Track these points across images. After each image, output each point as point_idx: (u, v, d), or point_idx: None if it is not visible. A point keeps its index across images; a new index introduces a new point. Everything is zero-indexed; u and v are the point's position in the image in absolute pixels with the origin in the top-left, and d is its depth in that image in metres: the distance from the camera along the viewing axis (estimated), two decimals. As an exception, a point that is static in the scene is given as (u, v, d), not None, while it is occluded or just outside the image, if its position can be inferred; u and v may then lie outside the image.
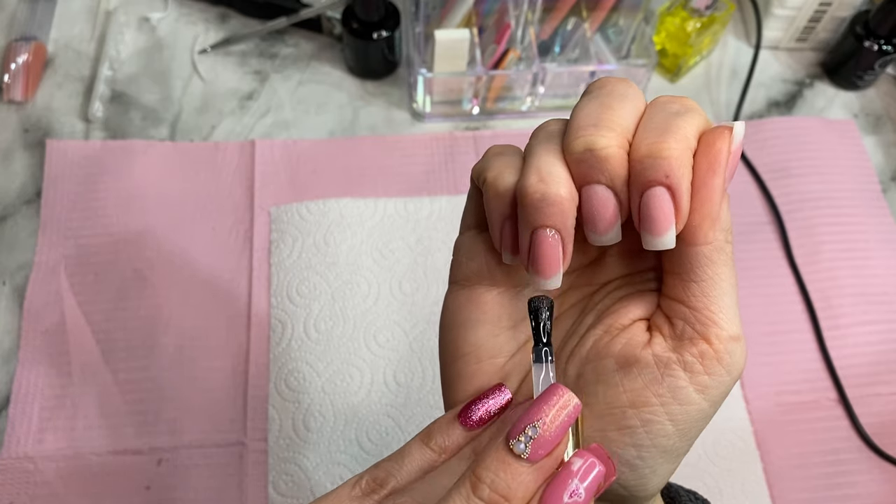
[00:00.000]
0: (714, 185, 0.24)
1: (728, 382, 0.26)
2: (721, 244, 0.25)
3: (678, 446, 0.26)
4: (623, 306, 0.28)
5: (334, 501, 0.25)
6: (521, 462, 0.22)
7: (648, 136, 0.24)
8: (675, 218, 0.24)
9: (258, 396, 0.58)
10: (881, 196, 0.69)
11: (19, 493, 0.54)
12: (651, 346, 0.26)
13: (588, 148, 0.24)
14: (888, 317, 0.64)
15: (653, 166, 0.23)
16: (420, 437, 0.27)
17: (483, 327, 0.28)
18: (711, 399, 0.26)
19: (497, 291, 0.28)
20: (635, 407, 0.26)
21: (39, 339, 0.60)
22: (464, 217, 0.29)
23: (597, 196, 0.24)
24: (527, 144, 0.27)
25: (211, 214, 0.65)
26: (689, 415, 0.25)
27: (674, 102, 0.25)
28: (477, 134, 0.70)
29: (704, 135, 0.24)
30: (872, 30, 0.69)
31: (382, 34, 0.67)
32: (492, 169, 0.26)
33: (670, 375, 0.25)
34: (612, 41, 0.70)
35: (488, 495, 0.22)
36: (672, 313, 0.26)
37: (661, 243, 0.24)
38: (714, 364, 0.25)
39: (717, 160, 0.24)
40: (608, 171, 0.24)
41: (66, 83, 0.71)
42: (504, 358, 0.29)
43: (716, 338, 0.25)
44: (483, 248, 0.28)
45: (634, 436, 0.26)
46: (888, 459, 0.58)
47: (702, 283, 0.25)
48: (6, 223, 0.64)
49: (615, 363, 0.26)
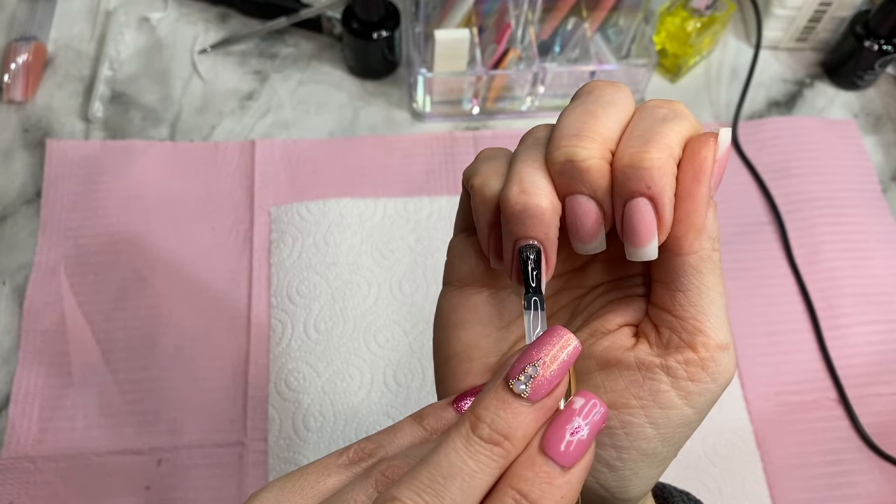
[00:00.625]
0: (699, 194, 0.23)
1: (714, 390, 0.25)
2: (708, 253, 0.25)
3: (660, 451, 0.26)
4: (609, 311, 0.28)
5: (320, 468, 0.25)
6: (521, 401, 0.22)
7: (632, 146, 0.24)
8: (658, 229, 0.24)
9: (258, 396, 0.58)
10: (881, 196, 0.69)
11: (19, 493, 0.55)
12: (635, 350, 0.26)
13: (569, 159, 0.24)
14: (888, 317, 0.64)
15: (634, 177, 0.23)
16: (412, 417, 0.27)
17: (474, 328, 0.28)
18: (695, 406, 0.25)
19: (488, 293, 0.29)
20: (615, 408, 0.26)
21: (39, 339, 0.60)
22: (456, 219, 0.30)
23: (580, 206, 0.24)
24: (515, 151, 0.27)
25: (211, 214, 0.65)
26: (670, 419, 0.25)
27: (661, 107, 0.25)
28: (477, 134, 0.70)
29: (689, 143, 0.24)
30: (872, 30, 0.69)
31: (382, 34, 0.67)
32: (479, 175, 0.26)
33: (651, 379, 0.25)
34: (612, 41, 0.70)
35: (488, 434, 0.22)
36: (659, 322, 0.26)
37: (643, 254, 0.24)
38: (698, 371, 0.25)
39: (702, 169, 0.23)
40: (589, 182, 0.24)
41: (66, 83, 0.71)
42: (495, 357, 0.29)
43: (702, 346, 0.25)
44: (473, 251, 0.28)
45: (614, 437, 0.26)
46: (888, 459, 0.58)
47: (688, 293, 0.25)
48: (6, 223, 0.64)
49: (596, 364, 0.27)
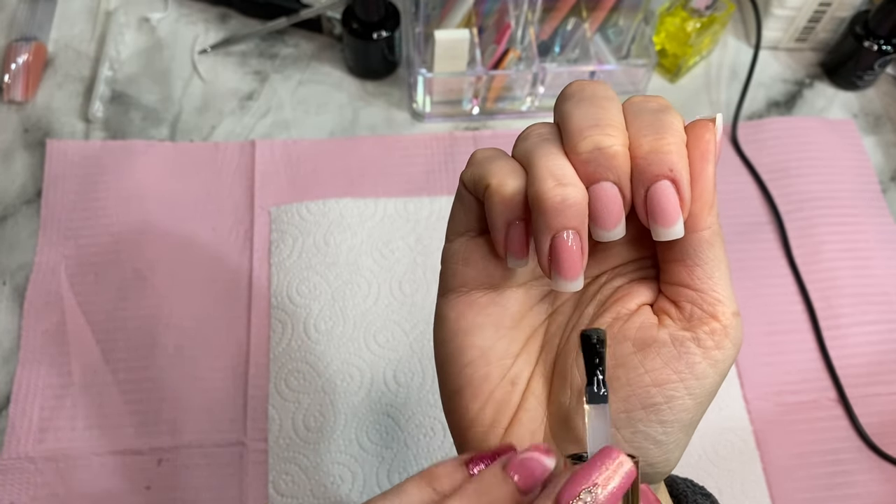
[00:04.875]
0: (708, 173, 0.26)
1: (734, 354, 0.28)
2: (717, 228, 0.27)
3: (696, 419, 0.28)
4: (627, 293, 0.29)
5: None
6: None
7: (646, 134, 0.25)
8: (681, 208, 0.25)
9: (258, 396, 0.58)
10: (881, 196, 0.69)
11: (19, 493, 0.55)
12: (665, 327, 0.27)
13: (597, 146, 0.25)
14: (888, 317, 0.64)
15: (657, 161, 0.25)
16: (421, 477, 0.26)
17: (487, 330, 0.29)
18: (721, 372, 0.27)
19: (496, 293, 0.29)
20: (658, 385, 0.27)
21: (39, 339, 0.60)
22: (452, 225, 0.29)
23: (606, 193, 0.25)
24: (518, 148, 0.27)
25: (211, 214, 0.65)
26: (704, 388, 0.27)
27: (650, 101, 0.27)
28: (477, 134, 0.70)
29: (691, 128, 0.26)
30: (872, 30, 0.69)
31: (382, 34, 0.67)
32: (493, 175, 0.26)
33: (686, 352, 0.27)
34: (611, 41, 0.70)
35: None
36: (678, 297, 0.27)
37: (671, 233, 0.25)
38: (723, 339, 0.27)
39: (708, 149, 0.26)
40: (616, 167, 0.25)
41: (66, 83, 0.71)
42: (511, 359, 0.29)
43: (722, 315, 0.27)
44: (481, 252, 0.28)
45: (659, 412, 0.27)
46: (888, 459, 0.58)
47: (705, 266, 0.27)
48: (6, 223, 0.64)
49: (633, 346, 0.27)
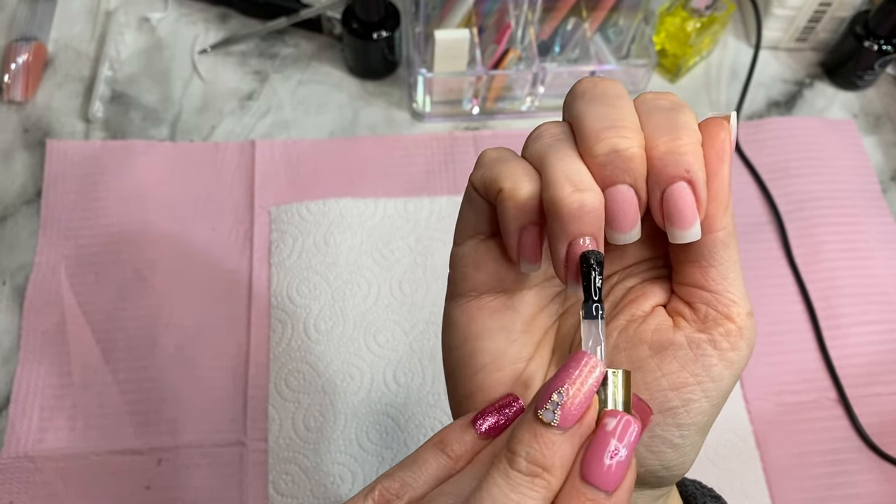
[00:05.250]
0: (723, 173, 0.25)
1: (748, 355, 0.27)
2: (732, 228, 0.26)
3: (711, 421, 0.27)
4: (640, 294, 0.28)
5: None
6: (553, 430, 0.22)
7: (661, 134, 0.25)
8: (697, 209, 0.25)
9: (258, 396, 0.58)
10: (881, 196, 0.69)
11: (19, 493, 0.55)
12: (680, 329, 0.27)
13: (614, 149, 0.24)
14: (888, 317, 0.64)
15: (673, 162, 0.24)
16: (434, 444, 0.26)
17: (499, 334, 0.28)
18: (735, 373, 0.27)
19: (507, 297, 0.28)
20: (675, 388, 0.26)
21: (39, 339, 0.60)
22: (461, 227, 0.29)
23: (622, 196, 0.25)
24: (530, 150, 0.26)
25: (211, 214, 0.65)
26: (720, 390, 0.27)
27: (661, 98, 0.26)
28: (477, 134, 0.70)
29: (706, 127, 0.25)
30: (872, 30, 0.69)
31: (382, 34, 0.67)
32: (506, 178, 0.26)
33: (703, 354, 0.26)
34: (611, 41, 0.70)
35: (526, 467, 0.22)
36: (693, 298, 0.27)
37: (689, 236, 0.25)
38: (738, 340, 0.26)
39: (723, 149, 0.25)
40: (633, 170, 0.24)
41: (66, 83, 0.71)
42: (523, 363, 0.28)
43: (737, 316, 0.26)
44: (492, 255, 0.28)
45: (676, 416, 0.26)
46: (888, 459, 0.58)
47: (720, 267, 0.26)
48: (6, 223, 0.64)
49: (649, 349, 0.27)
